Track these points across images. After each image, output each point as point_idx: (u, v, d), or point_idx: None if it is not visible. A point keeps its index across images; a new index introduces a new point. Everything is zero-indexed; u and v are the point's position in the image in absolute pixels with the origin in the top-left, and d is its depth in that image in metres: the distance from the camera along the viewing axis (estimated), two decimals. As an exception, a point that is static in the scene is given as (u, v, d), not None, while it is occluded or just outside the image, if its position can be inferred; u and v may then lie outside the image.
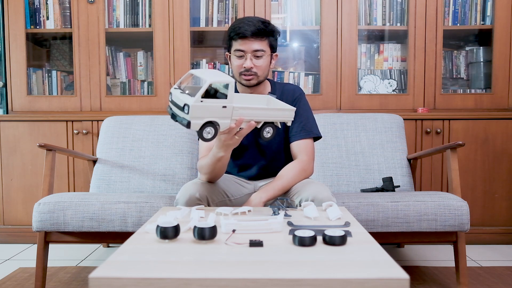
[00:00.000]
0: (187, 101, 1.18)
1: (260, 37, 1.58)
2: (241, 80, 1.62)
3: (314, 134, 1.67)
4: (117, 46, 2.71)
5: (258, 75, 1.61)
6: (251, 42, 1.57)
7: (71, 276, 1.96)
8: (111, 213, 1.70)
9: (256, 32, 1.56)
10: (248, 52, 1.58)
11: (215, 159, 1.44)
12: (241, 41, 1.57)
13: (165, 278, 0.73)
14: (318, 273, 0.75)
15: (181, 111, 1.21)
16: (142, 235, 1.03)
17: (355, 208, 1.71)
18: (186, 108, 1.19)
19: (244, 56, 1.58)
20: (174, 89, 1.26)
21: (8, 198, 2.49)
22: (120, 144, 2.22)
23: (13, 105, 2.58)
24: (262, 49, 1.59)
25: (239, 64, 1.60)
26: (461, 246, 1.72)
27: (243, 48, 1.58)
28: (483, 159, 2.43)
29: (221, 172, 1.52)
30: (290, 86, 1.75)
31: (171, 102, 1.26)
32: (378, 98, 2.54)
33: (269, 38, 1.61)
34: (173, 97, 1.25)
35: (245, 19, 1.59)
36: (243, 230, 1.04)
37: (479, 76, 2.62)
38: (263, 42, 1.59)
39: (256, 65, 1.59)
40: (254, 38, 1.57)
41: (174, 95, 1.24)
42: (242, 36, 1.56)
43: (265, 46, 1.60)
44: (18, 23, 2.56)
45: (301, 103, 1.69)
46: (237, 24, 1.58)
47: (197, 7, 2.59)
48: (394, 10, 2.59)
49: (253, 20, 1.58)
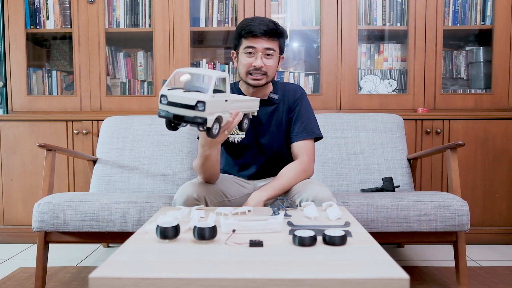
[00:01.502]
0: (201, 98, 1.15)
1: (272, 37, 1.57)
2: (247, 79, 1.60)
3: (316, 134, 1.67)
4: (117, 46, 2.71)
5: (267, 75, 1.60)
6: (263, 41, 1.56)
7: (71, 276, 1.96)
8: (111, 213, 1.70)
9: (268, 31, 1.55)
10: (259, 51, 1.56)
11: (203, 158, 1.44)
12: (252, 39, 1.56)
13: (165, 278, 0.73)
14: (318, 273, 0.75)
15: (190, 110, 1.17)
16: (142, 235, 1.03)
17: (355, 208, 1.71)
18: (200, 105, 1.15)
19: (254, 54, 1.57)
20: (169, 90, 1.22)
21: (8, 198, 2.49)
22: (120, 144, 2.22)
23: (13, 105, 2.58)
24: (273, 48, 1.58)
25: (249, 62, 1.57)
26: (461, 246, 1.73)
27: (254, 45, 1.56)
28: (483, 159, 2.43)
29: (214, 170, 1.51)
30: (291, 86, 1.74)
31: (170, 104, 1.21)
32: (378, 98, 2.54)
33: (279, 39, 1.60)
34: (173, 98, 1.20)
35: (256, 18, 1.58)
36: (243, 230, 1.04)
37: (479, 76, 2.62)
38: (274, 42, 1.58)
39: (266, 65, 1.57)
40: (267, 37, 1.56)
41: (174, 95, 1.20)
42: (254, 34, 1.55)
43: (276, 47, 1.59)
44: (18, 23, 2.56)
45: (302, 103, 1.68)
46: (249, 22, 1.57)
47: (197, 7, 2.59)
48: (394, 10, 2.59)
49: (264, 20, 1.58)
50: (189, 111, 1.17)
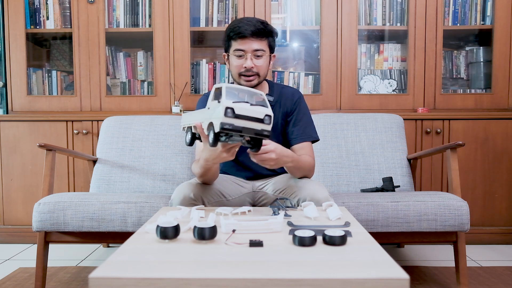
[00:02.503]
0: (268, 112, 1.19)
1: (260, 37, 1.58)
2: (240, 81, 1.62)
3: (313, 138, 1.69)
4: (117, 46, 2.71)
5: (259, 75, 1.62)
6: (251, 41, 1.57)
7: (71, 276, 1.96)
8: (111, 213, 1.70)
9: (256, 32, 1.56)
10: (248, 52, 1.58)
11: (205, 169, 1.42)
12: (240, 41, 1.57)
13: (165, 278, 0.73)
14: (318, 273, 0.75)
15: (258, 123, 1.17)
16: (142, 235, 1.03)
17: (355, 208, 1.71)
18: (267, 119, 1.19)
19: (244, 56, 1.58)
20: (233, 102, 1.15)
21: (8, 198, 2.49)
22: (120, 144, 2.22)
23: (13, 105, 2.58)
24: (262, 49, 1.59)
25: (239, 64, 1.60)
26: (461, 246, 1.72)
27: (243, 47, 1.58)
28: (483, 159, 2.43)
29: (214, 176, 1.51)
30: (289, 89, 1.74)
31: (237, 117, 1.14)
32: (378, 98, 2.54)
33: (268, 38, 1.61)
34: (242, 111, 1.15)
35: (244, 19, 1.59)
36: (243, 230, 1.04)
37: (479, 76, 2.62)
38: (262, 42, 1.59)
39: (256, 65, 1.59)
40: (254, 38, 1.57)
41: (242, 108, 1.15)
42: (242, 36, 1.56)
43: (265, 46, 1.60)
44: (18, 23, 2.56)
45: (301, 107, 1.70)
46: (236, 24, 1.58)
47: (197, 7, 2.59)
48: (394, 10, 2.59)
49: (252, 20, 1.59)
50: (257, 124, 1.18)
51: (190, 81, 2.56)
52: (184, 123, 1.40)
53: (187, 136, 1.38)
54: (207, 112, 1.23)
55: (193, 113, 1.34)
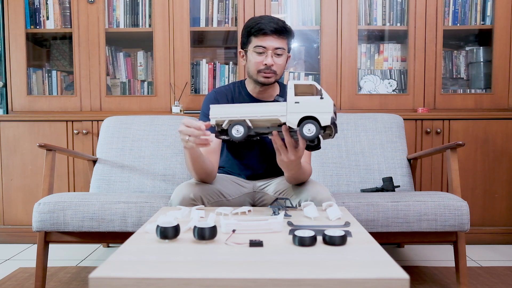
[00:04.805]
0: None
1: (282, 35, 1.58)
2: (258, 77, 1.61)
3: None
4: (117, 46, 2.71)
5: (276, 74, 1.61)
6: (273, 39, 1.56)
7: (71, 276, 1.96)
8: (111, 213, 1.70)
9: (278, 30, 1.56)
10: (269, 49, 1.57)
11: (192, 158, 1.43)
12: (262, 37, 1.56)
13: (165, 278, 0.73)
14: (318, 273, 0.75)
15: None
16: (142, 235, 1.03)
17: (355, 208, 1.71)
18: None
19: (264, 53, 1.57)
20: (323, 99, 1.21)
21: (8, 198, 2.49)
22: (120, 144, 2.22)
23: (13, 105, 2.58)
24: (282, 47, 1.58)
25: (259, 60, 1.58)
26: (461, 246, 1.72)
27: (264, 44, 1.56)
28: (483, 159, 2.43)
29: (204, 166, 1.47)
30: None
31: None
32: (378, 98, 2.54)
33: (288, 37, 1.61)
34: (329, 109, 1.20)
35: (265, 17, 1.59)
36: (243, 230, 1.04)
37: (479, 76, 2.62)
38: (283, 41, 1.59)
39: (276, 63, 1.58)
40: (276, 36, 1.56)
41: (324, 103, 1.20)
42: (264, 32, 1.55)
43: (285, 45, 1.60)
44: (18, 23, 2.56)
45: None
46: (258, 21, 1.57)
47: (197, 7, 2.59)
48: (394, 10, 2.59)
49: (273, 18, 1.58)
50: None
51: (190, 81, 2.56)
52: (223, 116, 1.26)
53: (233, 130, 1.25)
54: (292, 107, 1.20)
55: (237, 106, 1.24)
